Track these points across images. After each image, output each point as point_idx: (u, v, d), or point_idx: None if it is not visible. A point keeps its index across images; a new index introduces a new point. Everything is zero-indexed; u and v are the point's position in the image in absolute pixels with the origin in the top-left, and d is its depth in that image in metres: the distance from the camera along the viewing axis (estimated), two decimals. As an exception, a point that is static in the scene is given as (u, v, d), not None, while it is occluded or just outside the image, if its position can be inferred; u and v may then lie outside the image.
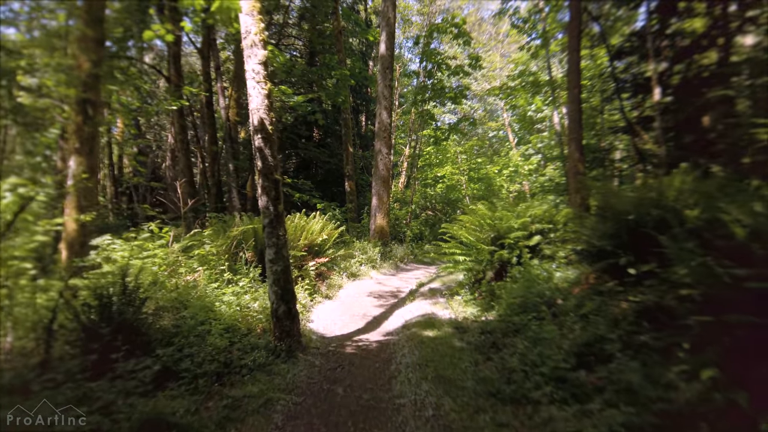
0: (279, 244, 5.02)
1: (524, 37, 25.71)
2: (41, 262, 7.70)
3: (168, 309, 5.85)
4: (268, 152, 4.95)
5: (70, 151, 7.12)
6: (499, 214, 7.67)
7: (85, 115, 7.07)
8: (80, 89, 7.17)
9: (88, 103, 7.13)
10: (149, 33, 7.74)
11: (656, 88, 14.44)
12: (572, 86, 14.23)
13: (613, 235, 5.32)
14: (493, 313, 6.46)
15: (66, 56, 10.03)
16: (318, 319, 7.02)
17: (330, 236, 9.91)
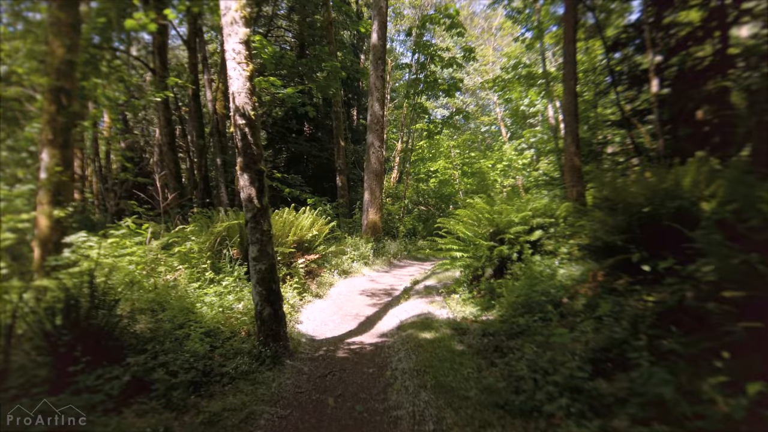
0: (263, 240, 4.60)
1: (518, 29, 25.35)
2: (17, 261, 7.25)
3: (145, 311, 5.42)
4: (250, 140, 4.52)
5: (43, 143, 6.65)
6: (498, 207, 7.29)
7: (58, 105, 6.61)
8: (53, 77, 6.71)
9: (62, 91, 6.68)
10: (131, 22, 7.27)
11: (654, 80, 14.15)
12: (568, 78, 13.88)
13: (623, 229, 4.96)
14: (494, 312, 6.09)
15: (39, 43, 9.53)
16: (308, 319, 6.62)
17: (320, 232, 9.49)
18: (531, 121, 29.72)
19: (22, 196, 8.28)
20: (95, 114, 22.19)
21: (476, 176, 23.80)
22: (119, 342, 4.41)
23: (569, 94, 13.80)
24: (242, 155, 4.52)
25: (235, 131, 4.54)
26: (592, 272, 5.46)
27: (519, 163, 24.04)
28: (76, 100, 13.33)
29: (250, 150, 4.52)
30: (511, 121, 30.27)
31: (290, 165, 22.42)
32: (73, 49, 6.99)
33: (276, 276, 4.73)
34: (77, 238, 6.33)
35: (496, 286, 6.63)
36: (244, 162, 4.53)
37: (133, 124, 27.15)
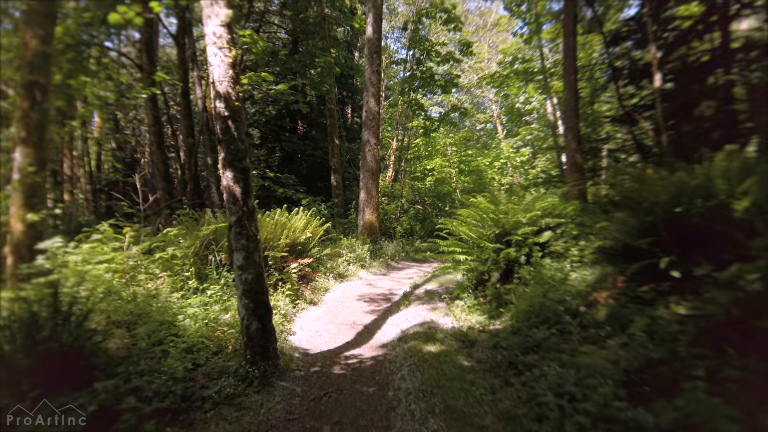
0: (250, 247, 4.11)
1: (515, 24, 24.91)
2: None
3: (122, 324, 4.94)
4: (234, 133, 4.03)
5: (16, 142, 6.13)
6: (504, 207, 6.82)
7: (32, 101, 6.10)
8: (26, 71, 6.20)
9: (35, 86, 6.16)
10: (115, 16, 6.75)
11: (657, 74, 13.75)
12: (568, 72, 13.44)
13: (647, 230, 4.51)
14: (503, 320, 5.63)
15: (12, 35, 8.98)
16: (301, 330, 6.13)
17: (315, 234, 9.00)
18: (527, 119, 29.35)
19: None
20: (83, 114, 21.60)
21: (473, 174, 23.35)
22: (90, 361, 3.93)
23: (570, 89, 13.36)
24: (225, 151, 4.03)
25: (216, 124, 4.05)
26: (611, 277, 5.01)
27: (517, 161, 23.62)
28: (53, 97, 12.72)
29: (234, 145, 4.03)
30: (507, 119, 29.90)
31: (284, 164, 21.90)
32: (48, 41, 6.49)
33: (264, 286, 4.25)
34: (52, 244, 5.82)
35: (503, 292, 6.17)
36: (227, 158, 4.04)
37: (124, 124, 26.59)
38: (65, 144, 21.57)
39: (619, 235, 4.77)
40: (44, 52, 6.52)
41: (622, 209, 4.95)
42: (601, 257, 5.52)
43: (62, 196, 21.40)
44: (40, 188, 6.21)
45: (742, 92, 12.18)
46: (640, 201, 4.64)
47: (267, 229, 7.49)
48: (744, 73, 12.08)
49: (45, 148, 6.62)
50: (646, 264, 4.28)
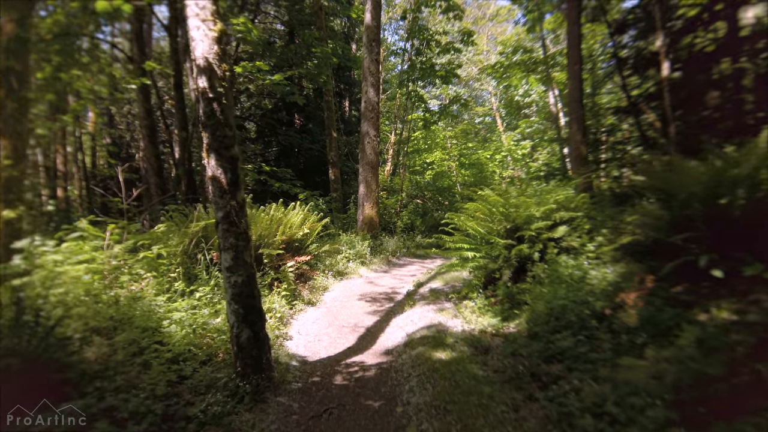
0: (239, 246, 3.64)
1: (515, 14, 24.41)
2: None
3: (102, 331, 4.49)
4: (220, 118, 3.55)
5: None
6: (516, 200, 6.37)
7: (8, 88, 5.64)
8: (2, 56, 5.74)
9: (11, 73, 5.71)
10: (102, 3, 6.27)
11: (665, 63, 13.31)
12: (572, 62, 12.99)
13: (682, 225, 4.06)
14: (517, 323, 5.19)
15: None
16: (298, 334, 5.67)
17: (312, 230, 8.54)
18: (525, 112, 28.88)
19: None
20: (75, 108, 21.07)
21: (474, 168, 22.89)
22: (62, 376, 3.48)
23: (574, 79, 12.91)
24: (210, 137, 3.56)
25: (199, 108, 3.58)
26: (638, 276, 4.57)
27: (518, 154, 23.17)
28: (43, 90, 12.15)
29: (221, 130, 3.56)
30: (506, 112, 29.43)
31: (280, 158, 21.39)
32: (25, 25, 6.02)
33: (256, 290, 3.79)
34: (28, 243, 5.35)
35: (516, 292, 5.73)
36: (212, 146, 3.56)
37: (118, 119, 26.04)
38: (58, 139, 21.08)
39: (649, 230, 4.32)
40: (21, 37, 6.05)
41: (651, 201, 4.50)
42: (624, 254, 5.08)
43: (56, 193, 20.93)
44: (17, 183, 5.75)
45: (751, 81, 11.81)
46: (673, 192, 4.19)
47: (261, 225, 7.03)
48: (756, 62, 11.68)
49: (23, 140, 6.14)
50: (681, 262, 3.84)
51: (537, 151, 23.74)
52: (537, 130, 23.86)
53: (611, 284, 4.74)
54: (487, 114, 32.75)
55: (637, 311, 4.08)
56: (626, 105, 16.97)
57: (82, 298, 4.73)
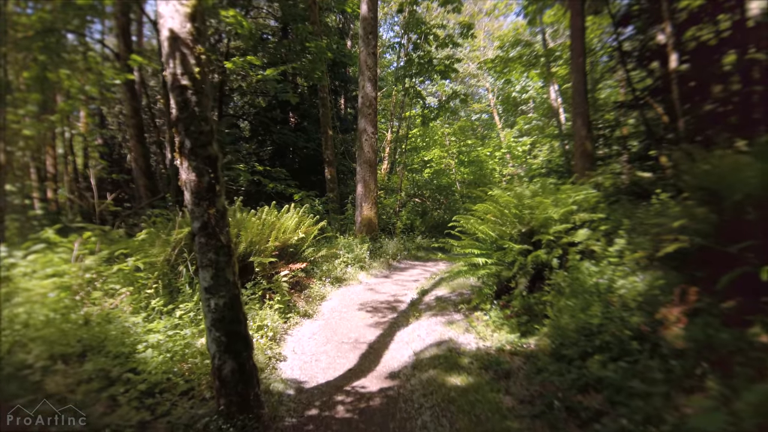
0: (220, 262, 3.07)
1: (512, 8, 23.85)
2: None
3: (69, 357, 3.92)
4: (196, 110, 2.98)
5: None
6: (531, 201, 5.81)
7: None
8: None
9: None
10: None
11: (673, 55, 12.81)
12: (576, 54, 12.46)
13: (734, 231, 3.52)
14: (538, 339, 4.64)
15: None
16: (293, 353, 5.09)
17: (308, 233, 7.96)
18: (523, 108, 28.34)
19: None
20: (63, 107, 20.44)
21: (474, 165, 22.31)
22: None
23: (578, 72, 12.36)
24: (183, 134, 2.98)
25: (170, 98, 3.00)
26: (679, 288, 4.02)
27: (518, 150, 22.62)
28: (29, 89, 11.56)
29: (196, 125, 2.98)
30: (503, 109, 28.90)
31: (275, 158, 20.78)
32: None
33: (241, 313, 3.21)
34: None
35: (533, 303, 5.18)
36: (186, 145, 2.99)
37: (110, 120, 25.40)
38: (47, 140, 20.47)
39: (695, 235, 3.77)
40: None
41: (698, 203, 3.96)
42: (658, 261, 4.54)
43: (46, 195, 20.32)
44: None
45: (759, 74, 11.45)
46: (723, 193, 3.64)
47: (252, 230, 6.45)
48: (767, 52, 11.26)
49: None
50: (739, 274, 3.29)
51: (536, 147, 23.22)
52: (535, 127, 23.34)
53: (643, 295, 4.20)
54: (483, 111, 32.22)
55: (683, 330, 3.54)
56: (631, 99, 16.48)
57: (51, 317, 4.16)
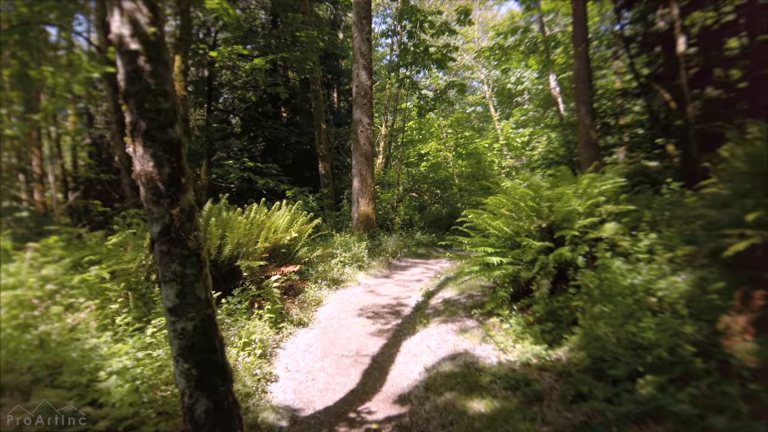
0: (187, 275, 2.42)
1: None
2: None
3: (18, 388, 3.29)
4: (150, 81, 2.32)
5: None
6: (550, 193, 5.19)
7: None
8: None
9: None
10: None
11: (680, 38, 12.25)
12: (578, 40, 11.89)
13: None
14: (568, 350, 4.02)
15: None
16: (287, 371, 4.45)
17: (302, 232, 7.32)
18: (518, 100, 27.74)
19: None
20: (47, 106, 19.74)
21: (472, 158, 21.66)
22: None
23: (581, 59, 11.80)
24: (136, 112, 2.33)
25: (118, 68, 2.34)
26: (740, 292, 3.41)
27: (517, 142, 22.01)
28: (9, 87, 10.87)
29: (152, 102, 2.33)
30: (498, 101, 28.32)
31: (267, 154, 20.06)
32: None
33: (216, 338, 2.57)
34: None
35: (557, 307, 4.56)
36: (139, 126, 2.33)
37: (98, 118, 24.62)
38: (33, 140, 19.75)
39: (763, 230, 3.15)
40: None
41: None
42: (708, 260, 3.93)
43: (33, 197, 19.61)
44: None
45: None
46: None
47: (239, 231, 5.79)
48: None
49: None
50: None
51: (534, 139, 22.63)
52: (532, 118, 22.77)
53: (688, 299, 3.61)
54: (478, 103, 31.58)
55: (756, 343, 2.93)
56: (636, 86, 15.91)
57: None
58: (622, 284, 4.10)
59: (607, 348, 3.43)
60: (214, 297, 2.64)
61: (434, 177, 20.15)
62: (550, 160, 18.82)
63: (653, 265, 4.23)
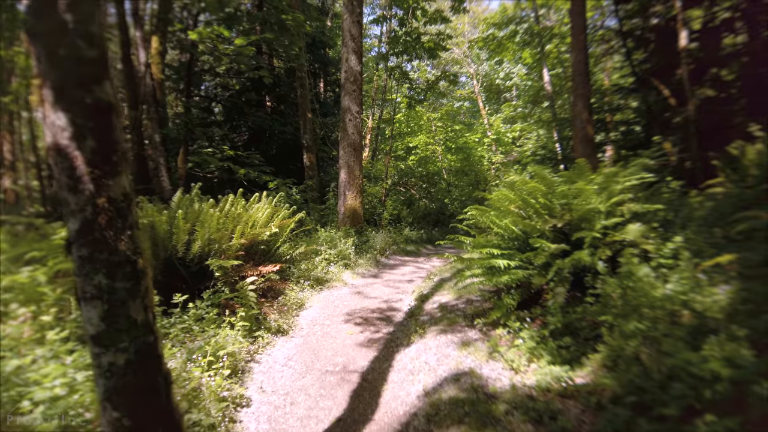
0: (117, 291, 1.75)
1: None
2: None
3: None
4: (68, 18, 1.64)
5: None
6: (565, 188, 4.59)
7: None
8: None
9: None
10: None
11: (683, 32, 11.82)
12: (576, 32, 11.37)
13: None
14: (590, 371, 3.44)
15: None
16: (261, 393, 3.78)
17: (283, 227, 6.65)
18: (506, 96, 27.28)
19: None
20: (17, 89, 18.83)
21: (461, 152, 21.09)
22: None
23: (579, 51, 11.29)
24: (45, 60, 1.65)
25: None
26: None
27: (508, 137, 21.49)
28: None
29: (71, 48, 1.64)
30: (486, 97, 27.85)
31: (250, 144, 19.22)
32: None
33: (160, 376, 1.90)
34: None
35: (575, 318, 3.97)
36: (53, 79, 1.65)
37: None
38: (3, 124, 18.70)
39: None
40: None
41: None
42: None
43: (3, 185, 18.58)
44: None
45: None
46: None
47: (211, 225, 5.10)
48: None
49: None
50: None
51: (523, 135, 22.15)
52: (521, 114, 22.32)
53: (723, 311, 3.08)
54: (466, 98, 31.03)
55: None
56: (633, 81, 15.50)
57: None
58: (652, 295, 3.53)
59: (650, 375, 2.85)
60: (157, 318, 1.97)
61: (422, 171, 19.55)
62: (542, 156, 18.36)
63: (685, 273, 3.65)
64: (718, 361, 2.55)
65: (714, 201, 5.50)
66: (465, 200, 18.25)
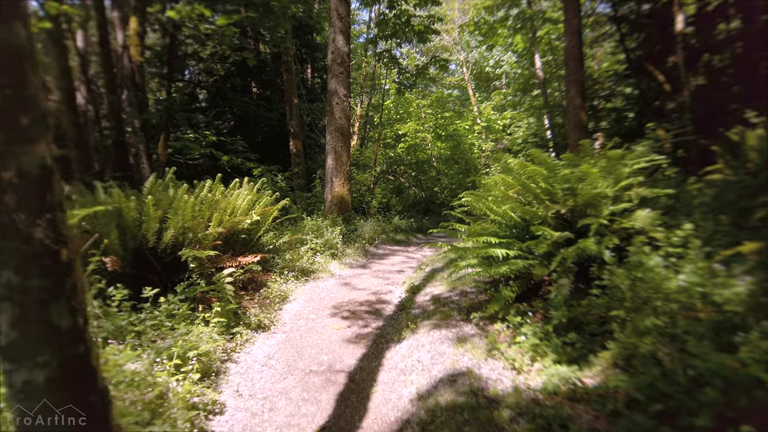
0: (30, 291, 1.37)
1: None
2: None
3: None
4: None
5: None
6: (568, 172, 4.26)
7: None
8: None
9: None
10: None
11: (679, 15, 11.53)
12: (570, 15, 11.00)
13: None
14: (599, 371, 3.13)
15: None
16: (237, 397, 3.41)
17: (266, 215, 6.25)
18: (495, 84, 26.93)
19: None
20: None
21: (451, 140, 20.73)
22: None
23: (572, 36, 10.94)
24: None
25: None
26: None
27: (499, 124, 21.16)
28: None
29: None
30: (475, 85, 27.49)
31: (236, 131, 18.66)
32: None
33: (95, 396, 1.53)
34: None
35: (580, 312, 3.65)
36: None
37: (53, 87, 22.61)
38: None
39: None
40: None
41: None
42: None
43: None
44: None
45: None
46: None
47: (185, 213, 4.69)
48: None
49: None
50: None
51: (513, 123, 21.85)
52: (511, 102, 22.00)
53: (743, 303, 2.80)
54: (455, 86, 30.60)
55: None
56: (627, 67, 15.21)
57: None
58: (666, 287, 3.22)
59: (673, 379, 2.53)
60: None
61: (411, 159, 19.16)
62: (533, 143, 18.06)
63: (699, 263, 3.34)
64: (757, 364, 2.23)
65: (715, 188, 5.23)
66: (455, 188, 17.96)
